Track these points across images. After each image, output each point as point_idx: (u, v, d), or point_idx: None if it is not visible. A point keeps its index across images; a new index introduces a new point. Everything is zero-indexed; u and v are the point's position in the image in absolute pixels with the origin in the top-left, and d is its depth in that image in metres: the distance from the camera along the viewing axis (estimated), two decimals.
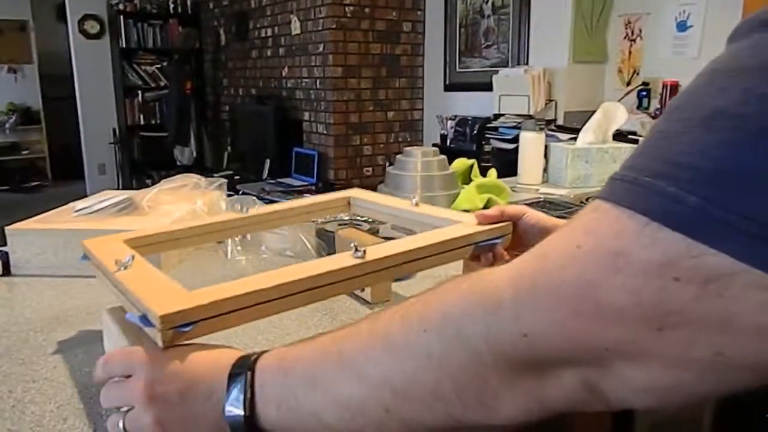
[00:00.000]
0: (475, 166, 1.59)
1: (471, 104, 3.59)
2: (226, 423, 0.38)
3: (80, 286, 0.90)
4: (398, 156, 1.47)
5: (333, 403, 0.35)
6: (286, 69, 4.17)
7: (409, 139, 4.02)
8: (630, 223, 0.26)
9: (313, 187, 3.61)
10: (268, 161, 4.10)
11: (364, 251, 0.55)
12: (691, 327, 0.25)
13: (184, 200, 1.10)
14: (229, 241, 1.06)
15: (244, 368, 0.39)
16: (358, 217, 1.30)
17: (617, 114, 1.69)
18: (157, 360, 0.42)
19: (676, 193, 0.25)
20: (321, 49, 3.75)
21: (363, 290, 0.86)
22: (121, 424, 0.41)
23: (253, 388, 0.38)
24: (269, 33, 4.33)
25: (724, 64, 0.27)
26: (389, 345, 0.34)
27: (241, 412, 0.37)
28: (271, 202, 3.60)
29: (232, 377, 0.39)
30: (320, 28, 3.73)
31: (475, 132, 3.31)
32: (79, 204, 1.03)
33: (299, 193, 3.51)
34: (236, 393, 0.38)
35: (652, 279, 0.25)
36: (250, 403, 0.37)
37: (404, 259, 0.58)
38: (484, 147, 3.21)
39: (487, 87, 3.32)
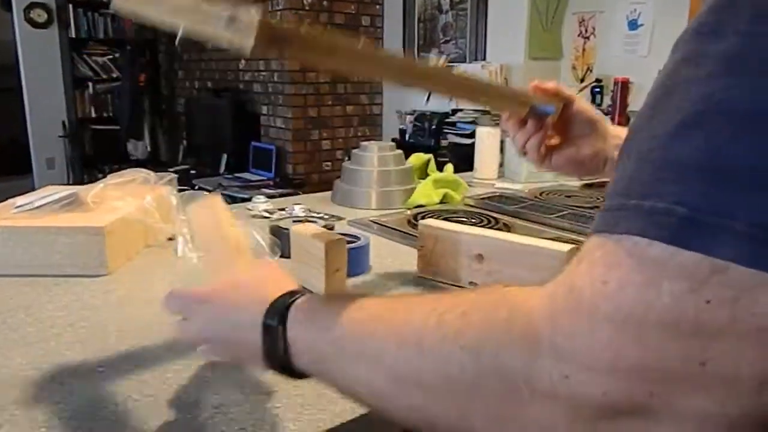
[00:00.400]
0: (432, 161, 1.59)
1: (430, 99, 3.61)
2: (268, 365, 0.44)
3: (19, 285, 0.86)
4: (354, 151, 1.46)
5: (355, 381, 0.38)
6: (243, 62, 4.10)
7: (368, 134, 4.01)
8: (667, 259, 0.24)
9: (271, 182, 3.57)
10: (225, 156, 4.03)
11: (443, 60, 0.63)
12: (734, 348, 0.24)
13: (132, 196, 1.07)
14: (180, 238, 1.04)
15: (275, 318, 0.42)
16: (314, 214, 1.29)
17: None
18: (205, 302, 0.49)
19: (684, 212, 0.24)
20: None
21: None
22: (205, 357, 0.55)
23: (286, 340, 0.41)
24: None
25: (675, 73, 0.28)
26: (422, 348, 0.34)
27: (281, 357, 0.42)
28: (229, 197, 3.51)
29: (267, 329, 0.43)
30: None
31: (434, 127, 3.33)
32: (20, 200, 0.99)
33: (257, 188, 3.46)
34: (272, 345, 0.42)
35: (686, 305, 0.24)
36: (284, 352, 0.41)
37: (477, 85, 0.68)
38: (442, 142, 3.23)
39: None
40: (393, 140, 3.66)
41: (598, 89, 3.05)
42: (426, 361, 0.33)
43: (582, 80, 3.20)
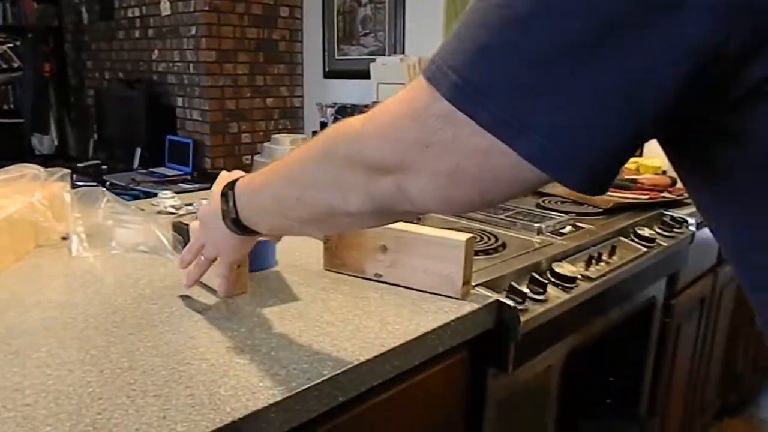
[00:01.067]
0: None
1: (351, 92, 3.60)
2: (225, 223, 0.65)
3: None
4: (266, 144, 1.45)
5: (271, 197, 0.59)
6: (156, 52, 3.93)
7: (289, 127, 3.95)
8: (428, 89, 0.40)
9: (189, 177, 3.45)
10: (139, 150, 3.86)
11: None
12: (438, 146, 0.40)
13: (21, 193, 1.00)
14: (74, 237, 0.98)
15: (229, 188, 0.64)
16: None
17: None
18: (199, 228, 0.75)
19: (446, 70, 0.39)
20: (193, 32, 3.57)
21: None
22: (203, 259, 0.76)
23: (235, 200, 0.63)
24: (137, 13, 4.05)
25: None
26: (300, 161, 0.54)
27: (232, 215, 0.64)
28: (143, 192, 3.37)
29: (223, 195, 0.65)
30: (192, 10, 3.54)
31: None
32: None
33: (173, 183, 3.33)
34: (226, 204, 0.64)
35: (429, 116, 0.40)
36: (234, 208, 0.63)
37: None
38: None
39: (366, 75, 3.34)
40: (314, 133, 3.62)
41: None
42: (303, 168, 0.54)
43: None
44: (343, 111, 3.47)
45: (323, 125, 3.57)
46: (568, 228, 1.21)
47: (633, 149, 0.38)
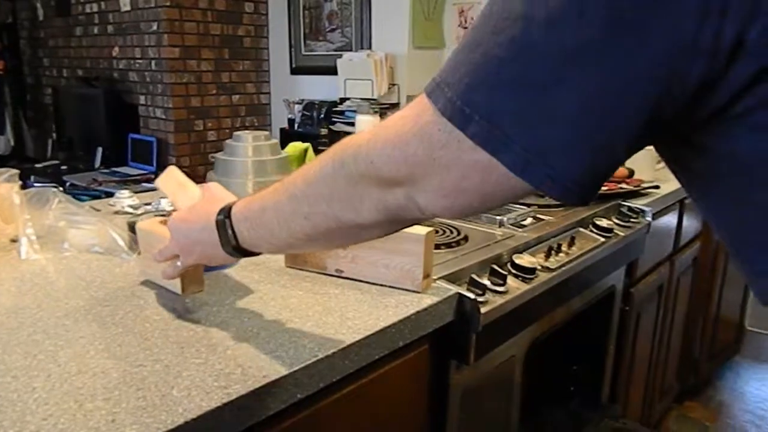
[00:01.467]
0: (310, 149, 1.58)
1: (318, 88, 3.57)
2: (226, 251, 0.64)
3: None
4: (227, 141, 1.42)
5: (276, 218, 0.58)
6: (116, 49, 3.84)
7: (256, 123, 3.91)
8: (429, 106, 0.43)
9: (153, 176, 3.38)
10: (100, 149, 3.76)
11: None
12: (444, 160, 0.43)
13: None
14: (24, 239, 0.95)
15: (225, 214, 0.63)
16: (167, 210, 1.23)
17: None
18: (175, 227, 0.72)
19: (443, 87, 0.42)
20: (155, 27, 3.49)
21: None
22: (179, 263, 0.73)
23: (233, 227, 0.63)
24: (95, 9, 3.94)
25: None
26: (307, 178, 0.55)
27: (232, 241, 0.63)
28: (104, 193, 3.30)
29: (219, 224, 0.63)
30: (153, 5, 3.47)
31: (322, 116, 3.31)
32: None
33: (137, 182, 3.27)
34: (225, 232, 0.63)
35: (433, 133, 0.42)
36: (234, 235, 0.63)
37: None
38: (333, 131, 3.21)
39: (333, 71, 3.32)
40: (281, 130, 3.60)
41: None
42: (309, 186, 0.54)
43: None
44: (311, 107, 3.44)
45: (290, 121, 3.54)
46: (529, 220, 1.23)
47: (610, 169, 0.42)
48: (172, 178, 0.81)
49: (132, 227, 1.01)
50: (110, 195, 2.76)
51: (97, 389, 0.59)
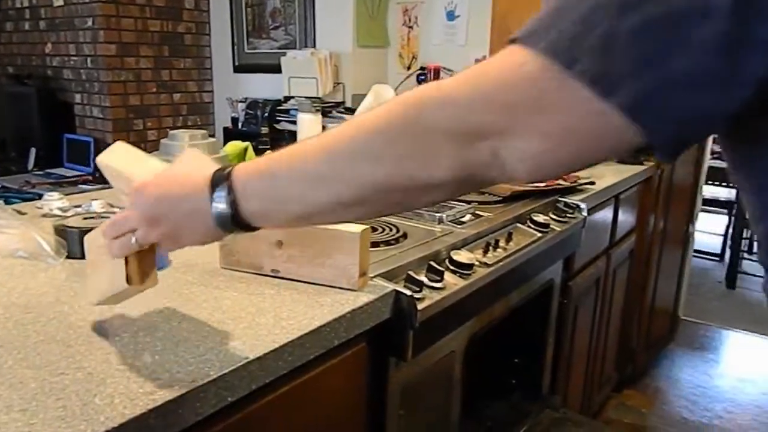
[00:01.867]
0: (250, 148, 1.56)
1: (262, 86, 3.53)
2: (213, 221, 0.54)
3: None
4: (162, 140, 1.38)
5: (304, 180, 0.50)
6: (49, 45, 3.67)
7: (199, 122, 3.82)
8: (526, 51, 0.41)
9: (91, 177, 3.26)
10: (33, 150, 3.60)
11: None
12: (551, 108, 0.41)
13: None
14: None
15: (222, 179, 0.53)
16: (117, 209, 1.19)
17: (386, 96, 1.78)
18: (143, 194, 0.58)
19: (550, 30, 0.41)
20: (90, 23, 3.36)
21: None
22: (133, 240, 0.59)
23: (234, 191, 0.52)
24: (25, 3, 3.77)
25: None
26: (355, 136, 0.49)
27: (228, 210, 0.53)
28: (38, 195, 3.18)
29: (214, 187, 0.53)
30: (87, 1, 3.34)
31: (266, 114, 3.26)
32: None
33: (73, 184, 3.14)
34: (220, 197, 0.53)
35: (537, 80, 0.41)
36: (234, 203, 0.52)
37: None
38: (276, 129, 3.18)
39: (278, 69, 3.28)
40: (225, 129, 3.53)
41: (423, 76, 3.18)
42: (373, 134, 0.48)
43: (408, 68, 3.33)
44: (255, 106, 3.39)
45: (234, 120, 3.47)
46: (468, 216, 1.25)
47: (712, 127, 0.42)
48: (122, 152, 0.70)
49: (59, 231, 0.96)
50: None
51: (14, 400, 0.56)
